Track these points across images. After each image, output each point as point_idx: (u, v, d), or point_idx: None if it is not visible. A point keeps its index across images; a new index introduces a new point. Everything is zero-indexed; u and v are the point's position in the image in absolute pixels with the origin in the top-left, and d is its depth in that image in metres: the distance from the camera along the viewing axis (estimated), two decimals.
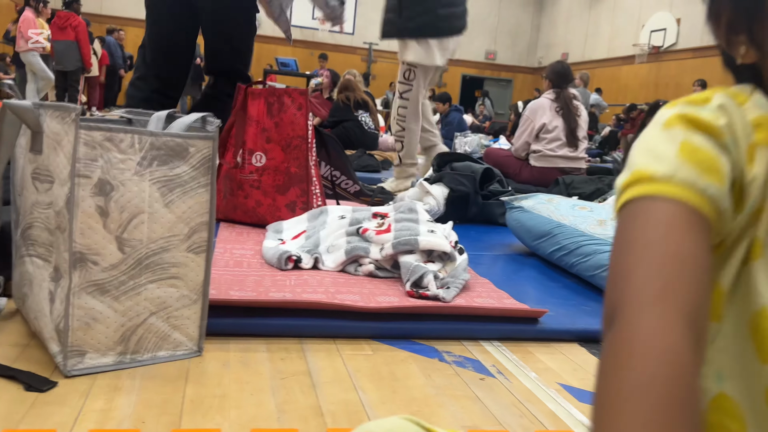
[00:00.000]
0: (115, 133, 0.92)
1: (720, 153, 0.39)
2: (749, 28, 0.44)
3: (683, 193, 0.37)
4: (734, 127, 0.40)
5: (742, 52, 0.45)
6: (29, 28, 7.33)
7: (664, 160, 0.38)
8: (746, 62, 0.45)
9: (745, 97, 0.43)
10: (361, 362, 1.07)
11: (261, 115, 1.95)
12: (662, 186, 0.37)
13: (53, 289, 0.95)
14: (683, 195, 0.37)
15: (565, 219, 1.82)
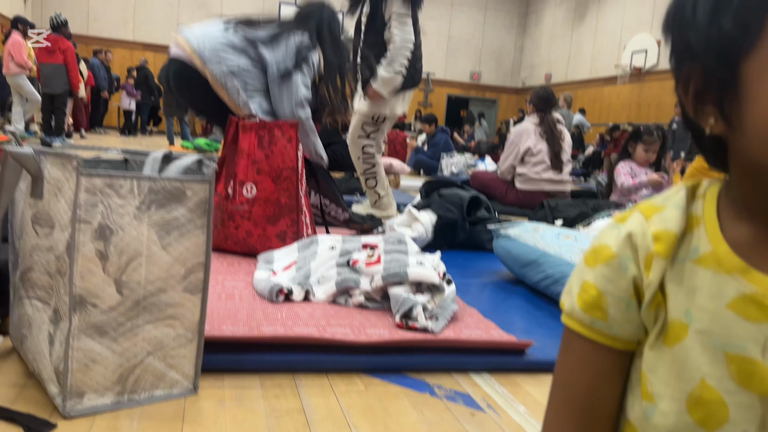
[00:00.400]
0: (115, 179, 0.95)
1: (609, 282, 0.49)
2: (719, 100, 0.43)
3: (578, 328, 0.50)
4: (635, 245, 0.48)
5: (711, 123, 0.45)
6: (19, 51, 7.33)
7: (570, 297, 0.51)
8: (714, 133, 0.45)
9: (655, 211, 0.48)
10: (354, 398, 1.10)
11: (252, 148, 1.98)
12: (567, 319, 0.51)
13: (53, 332, 0.97)
14: (579, 329, 0.50)
15: (550, 248, 1.86)
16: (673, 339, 0.46)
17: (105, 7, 13.77)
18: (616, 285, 0.48)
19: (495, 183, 4.44)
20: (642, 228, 0.48)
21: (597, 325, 0.49)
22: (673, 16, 0.47)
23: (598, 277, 0.49)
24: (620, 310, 0.48)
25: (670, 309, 0.46)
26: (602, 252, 0.49)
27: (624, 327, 0.49)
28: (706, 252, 0.46)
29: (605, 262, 0.49)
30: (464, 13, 16.35)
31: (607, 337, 0.49)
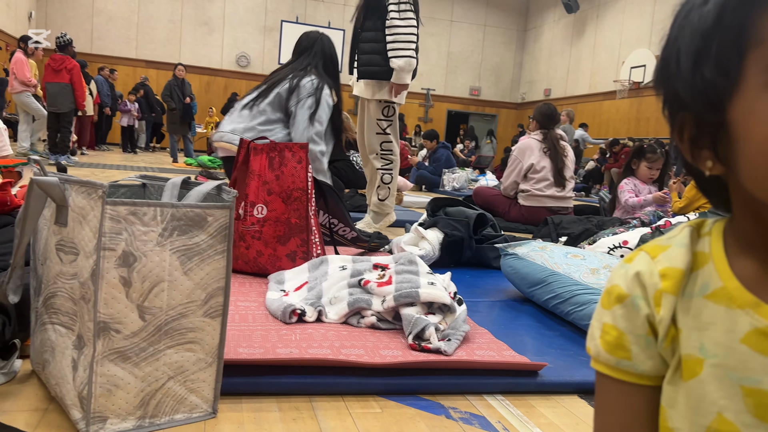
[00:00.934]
0: (138, 207, 0.97)
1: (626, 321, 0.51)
2: (713, 144, 0.46)
3: (606, 370, 0.52)
4: (644, 283, 0.50)
5: (709, 166, 0.47)
6: (21, 68, 7.40)
7: (594, 341, 0.53)
8: (713, 173, 0.47)
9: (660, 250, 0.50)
10: (370, 421, 1.11)
11: (263, 169, 2.00)
12: (595, 363, 0.53)
13: (76, 357, 0.98)
14: (607, 371, 0.52)
15: (558, 267, 1.88)
16: (688, 373, 0.48)
17: (108, 26, 13.90)
18: (633, 323, 0.50)
19: (498, 199, 4.47)
20: (649, 267, 0.50)
21: (623, 364, 0.51)
22: (661, 71, 0.49)
23: (616, 318, 0.51)
24: (641, 347, 0.50)
25: (684, 344, 0.48)
26: (614, 292, 0.51)
27: (648, 363, 0.50)
28: (717, 288, 0.47)
29: (619, 302, 0.51)
30: (463, 29, 16.50)
31: (634, 375, 0.51)
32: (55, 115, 7.40)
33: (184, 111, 9.50)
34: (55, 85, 7.27)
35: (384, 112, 3.31)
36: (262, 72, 14.87)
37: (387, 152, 3.34)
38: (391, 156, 3.36)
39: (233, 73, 14.78)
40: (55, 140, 7.42)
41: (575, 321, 1.72)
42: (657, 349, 0.50)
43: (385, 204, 3.39)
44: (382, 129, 3.32)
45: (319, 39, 2.79)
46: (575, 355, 1.51)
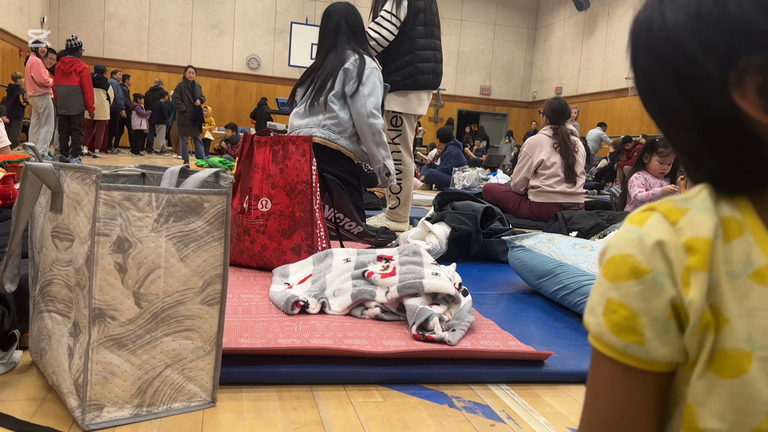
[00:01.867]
0: (133, 192, 0.96)
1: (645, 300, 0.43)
2: None
3: (609, 353, 0.45)
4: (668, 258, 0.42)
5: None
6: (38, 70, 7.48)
7: (595, 317, 0.46)
8: None
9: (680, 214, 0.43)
10: (372, 410, 1.09)
11: (266, 162, 1.99)
12: (595, 342, 0.46)
13: (72, 345, 0.97)
14: (610, 354, 0.45)
15: (566, 258, 1.85)
16: (733, 370, 0.41)
17: (120, 30, 14.01)
18: (652, 304, 0.43)
19: (508, 196, 4.43)
20: (672, 237, 0.43)
21: (631, 349, 0.44)
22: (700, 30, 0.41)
23: (628, 295, 0.44)
24: (657, 333, 0.43)
25: (729, 335, 0.41)
26: (626, 264, 0.44)
27: (662, 351, 0.44)
28: (761, 265, 0.41)
29: (635, 277, 0.43)
30: (473, 29, 16.44)
31: (642, 362, 0.45)
32: (65, 117, 7.47)
33: (195, 113, 9.54)
34: (65, 88, 7.33)
35: (392, 122, 3.29)
36: (272, 74, 14.92)
37: (397, 162, 3.31)
38: (401, 166, 3.32)
39: (244, 75, 14.84)
40: (66, 143, 7.49)
41: (583, 312, 1.68)
42: (677, 337, 0.43)
43: (396, 213, 3.36)
44: (391, 139, 3.30)
45: (340, 13, 2.75)
46: (582, 345, 1.48)
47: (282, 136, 2.02)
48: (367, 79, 2.56)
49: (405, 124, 3.30)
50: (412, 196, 3.41)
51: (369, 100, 2.55)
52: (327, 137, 2.57)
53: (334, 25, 2.72)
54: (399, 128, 3.31)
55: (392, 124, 3.30)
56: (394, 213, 3.34)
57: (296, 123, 2.66)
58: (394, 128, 3.31)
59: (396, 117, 3.29)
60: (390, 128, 3.31)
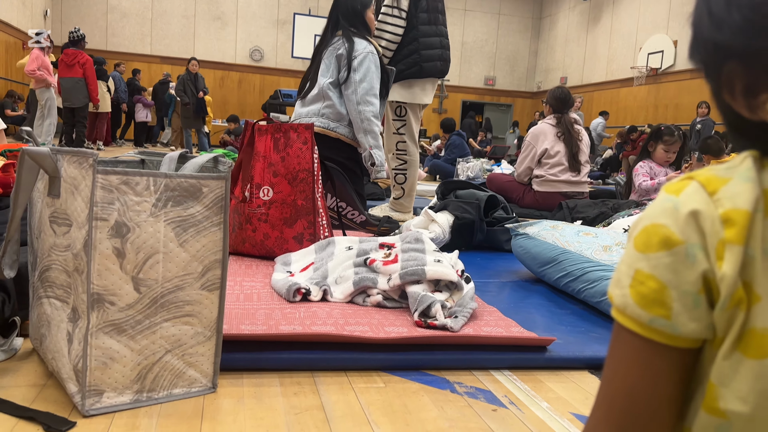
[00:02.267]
0: (131, 177, 0.95)
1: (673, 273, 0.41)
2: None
3: (633, 327, 0.43)
4: (703, 230, 0.41)
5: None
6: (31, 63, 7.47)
7: (621, 289, 0.44)
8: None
9: (720, 183, 0.42)
10: (373, 395, 1.08)
11: (268, 151, 1.98)
12: (619, 315, 0.45)
13: (71, 330, 0.97)
14: (634, 328, 0.43)
15: (570, 245, 1.83)
16: (761, 351, 0.40)
17: (123, 23, 13.99)
18: (683, 277, 0.41)
19: (512, 185, 4.41)
20: (709, 208, 0.41)
21: (657, 323, 0.42)
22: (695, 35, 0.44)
23: (658, 266, 0.42)
24: (686, 307, 0.42)
25: (759, 313, 0.40)
26: (658, 234, 0.42)
27: (689, 326, 0.42)
28: None
29: (666, 248, 0.42)
30: (477, 19, 16.34)
31: (668, 337, 0.43)
32: (70, 110, 7.47)
33: (198, 105, 9.54)
34: (68, 80, 7.33)
35: (396, 112, 3.28)
36: (275, 66, 14.87)
37: (402, 152, 3.30)
38: (406, 156, 3.30)
39: (247, 67, 14.80)
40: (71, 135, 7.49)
41: (587, 298, 1.68)
42: (706, 312, 0.41)
43: (400, 203, 3.34)
44: (396, 129, 3.30)
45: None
46: (586, 331, 1.47)
47: (283, 124, 2.01)
48: (360, 64, 2.55)
49: (409, 114, 3.28)
50: (416, 186, 3.39)
51: (360, 86, 2.54)
52: (326, 126, 2.56)
53: (332, 9, 2.73)
54: (403, 118, 3.29)
55: (397, 115, 3.29)
56: (398, 203, 3.32)
57: (298, 111, 2.66)
58: (398, 118, 3.29)
59: (400, 107, 3.28)
60: (394, 118, 3.29)
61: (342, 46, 2.57)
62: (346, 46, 2.57)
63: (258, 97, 14.73)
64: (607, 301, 1.58)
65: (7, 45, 11.29)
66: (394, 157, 3.32)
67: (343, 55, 2.55)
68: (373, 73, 2.59)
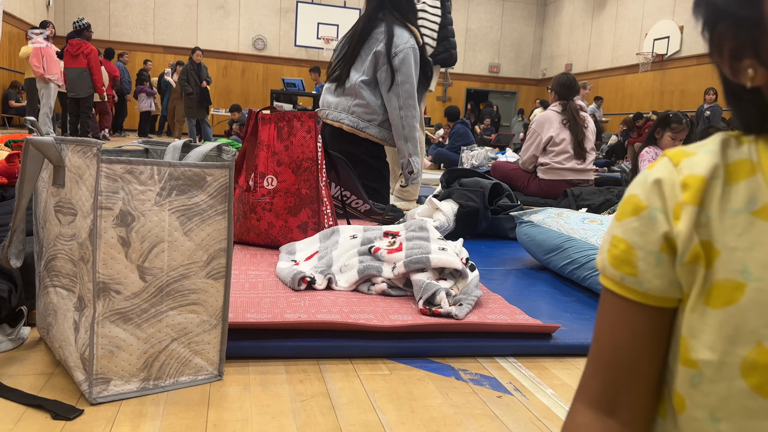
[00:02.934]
0: (135, 166, 0.95)
1: (638, 235, 0.47)
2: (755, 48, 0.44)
3: (611, 285, 0.49)
4: (663, 194, 0.46)
5: (751, 75, 0.44)
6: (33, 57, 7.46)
7: (601, 254, 0.50)
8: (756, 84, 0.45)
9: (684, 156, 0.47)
10: (378, 382, 1.09)
11: (271, 140, 1.98)
12: (602, 278, 0.51)
13: (77, 319, 0.97)
14: (611, 287, 0.49)
15: (575, 232, 1.83)
16: (723, 300, 0.43)
17: (125, 12, 13.95)
18: (646, 238, 0.47)
19: (516, 173, 4.39)
20: (671, 176, 0.46)
21: (627, 281, 0.48)
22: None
23: (627, 231, 0.48)
24: (650, 265, 0.47)
25: (720, 267, 0.44)
26: (630, 202, 0.48)
27: (654, 283, 0.47)
28: (766, 203, 0.43)
29: (634, 214, 0.47)
30: (482, 5, 16.22)
31: (637, 294, 0.48)
32: (74, 101, 7.47)
33: (201, 95, 9.53)
34: (73, 71, 7.32)
35: None
36: (278, 54, 14.82)
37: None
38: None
39: (250, 56, 14.76)
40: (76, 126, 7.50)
41: (592, 286, 1.67)
42: (670, 269, 0.46)
43: (407, 191, 3.34)
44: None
45: None
46: (591, 318, 1.47)
47: (287, 112, 2.00)
48: (401, 63, 2.46)
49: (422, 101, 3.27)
50: (422, 173, 3.39)
51: (402, 89, 2.47)
52: (356, 125, 2.53)
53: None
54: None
55: None
56: (405, 191, 3.32)
57: (327, 98, 2.59)
58: None
59: None
60: None
61: (381, 41, 2.47)
62: (385, 40, 2.47)
63: (261, 87, 14.69)
64: None
65: (10, 36, 11.27)
66: None
67: (381, 52, 2.46)
68: (413, 72, 2.50)
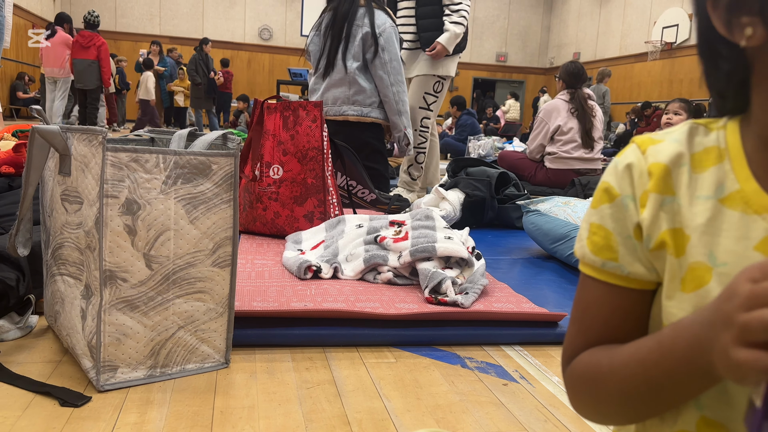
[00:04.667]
0: (140, 154, 0.95)
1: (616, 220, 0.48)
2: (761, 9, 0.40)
3: (592, 273, 0.49)
4: (632, 182, 0.47)
5: (749, 33, 0.41)
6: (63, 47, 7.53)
7: (580, 242, 0.51)
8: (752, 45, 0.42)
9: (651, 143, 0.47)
10: (384, 370, 1.09)
11: (277, 129, 1.98)
12: (581, 265, 0.51)
13: (85, 307, 0.98)
14: (592, 274, 0.49)
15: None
16: (694, 284, 0.44)
17: (131, 3, 13.93)
18: (621, 224, 0.47)
19: (523, 163, 4.37)
20: (639, 163, 0.47)
21: (608, 266, 0.48)
22: None
23: (603, 217, 0.48)
24: (629, 250, 0.47)
25: (692, 251, 0.44)
26: (603, 190, 0.48)
27: (634, 266, 0.47)
28: (733, 191, 0.43)
29: (609, 201, 0.48)
30: None
31: (620, 278, 0.48)
32: (82, 92, 7.49)
33: (209, 86, 9.54)
34: (82, 62, 7.34)
35: (435, 87, 3.21)
36: (284, 45, 14.77)
37: (424, 129, 3.24)
38: (427, 134, 3.25)
39: (256, 46, 14.72)
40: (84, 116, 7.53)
41: None
42: (644, 253, 0.47)
43: (415, 183, 3.32)
44: (428, 104, 3.22)
45: None
46: None
47: (292, 102, 2.00)
48: (387, 42, 2.49)
49: (444, 90, 3.23)
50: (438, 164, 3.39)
51: (391, 66, 2.50)
52: (360, 113, 2.54)
53: None
54: (438, 94, 3.23)
55: (434, 90, 3.21)
56: (415, 184, 3.31)
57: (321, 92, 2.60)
58: (434, 94, 3.21)
59: (439, 82, 3.20)
60: (430, 93, 3.21)
61: (365, 23, 2.50)
62: (368, 22, 2.50)
63: (268, 77, 14.67)
64: None
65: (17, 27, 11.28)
66: (416, 134, 3.24)
67: (368, 32, 2.49)
68: (397, 48, 2.54)
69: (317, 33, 2.63)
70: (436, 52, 3.08)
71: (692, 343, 0.38)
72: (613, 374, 0.45)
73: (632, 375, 0.43)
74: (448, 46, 3.07)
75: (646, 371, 0.42)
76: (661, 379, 0.41)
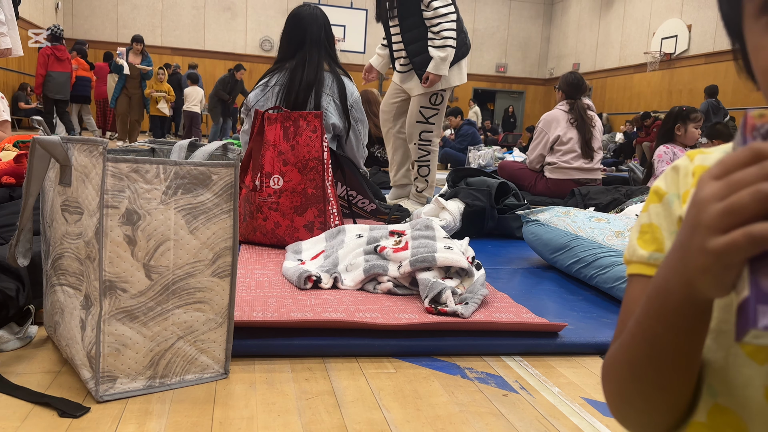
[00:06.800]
0: (141, 164, 0.95)
1: (663, 216, 0.50)
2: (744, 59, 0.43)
3: (639, 269, 0.51)
4: (678, 181, 0.50)
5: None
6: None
7: (631, 244, 0.52)
8: None
9: (700, 153, 0.51)
10: (384, 381, 1.09)
11: (277, 139, 1.98)
12: (629, 266, 0.52)
13: (84, 317, 0.98)
14: (639, 270, 0.51)
15: (582, 231, 1.82)
16: None
17: (134, 14, 14.02)
18: (668, 220, 0.50)
19: (523, 173, 4.38)
20: (686, 165, 0.50)
21: (654, 257, 0.49)
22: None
23: (651, 216, 0.51)
24: None
25: None
26: (653, 192, 0.51)
27: None
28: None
29: (658, 201, 0.51)
30: (488, 5, 16.19)
31: None
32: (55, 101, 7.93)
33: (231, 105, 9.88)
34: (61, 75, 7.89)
35: (432, 100, 3.16)
36: None
37: (425, 143, 3.20)
38: (429, 147, 3.22)
39: (257, 57, 14.79)
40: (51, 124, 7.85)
41: (599, 284, 1.67)
42: None
43: (422, 195, 3.33)
44: (425, 118, 3.18)
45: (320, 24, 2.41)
46: (598, 317, 1.46)
47: (293, 112, 2.01)
48: (359, 112, 2.41)
49: (444, 102, 3.18)
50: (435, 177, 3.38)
51: (363, 133, 2.44)
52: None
53: (315, 36, 2.37)
54: (437, 107, 3.18)
55: (431, 103, 3.16)
56: (422, 196, 3.31)
57: None
58: (432, 107, 3.17)
59: (437, 95, 3.15)
60: (428, 107, 3.16)
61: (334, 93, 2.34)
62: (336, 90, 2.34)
63: None
64: (620, 287, 1.57)
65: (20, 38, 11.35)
66: (416, 148, 3.20)
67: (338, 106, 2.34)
68: (364, 115, 2.48)
69: (265, 94, 2.32)
70: (431, 82, 3.04)
71: (669, 271, 0.39)
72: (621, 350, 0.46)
73: (632, 336, 0.44)
74: (439, 72, 3.02)
75: (641, 326, 0.43)
76: (656, 328, 0.41)
